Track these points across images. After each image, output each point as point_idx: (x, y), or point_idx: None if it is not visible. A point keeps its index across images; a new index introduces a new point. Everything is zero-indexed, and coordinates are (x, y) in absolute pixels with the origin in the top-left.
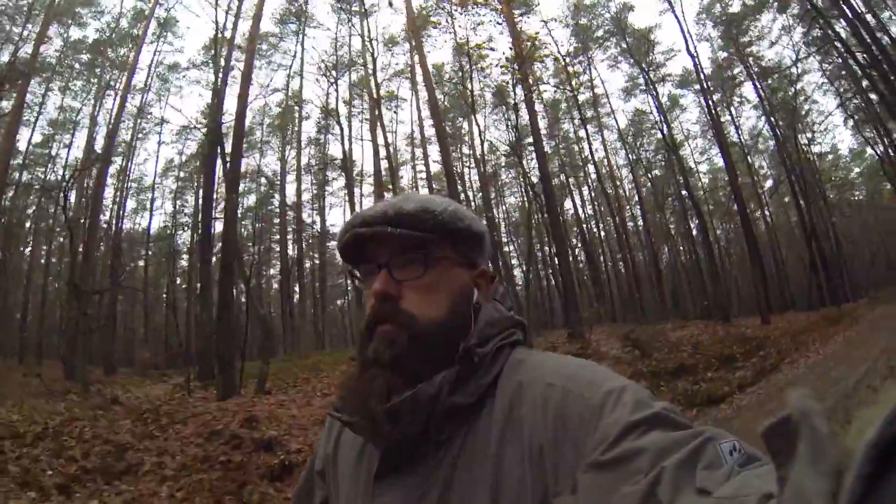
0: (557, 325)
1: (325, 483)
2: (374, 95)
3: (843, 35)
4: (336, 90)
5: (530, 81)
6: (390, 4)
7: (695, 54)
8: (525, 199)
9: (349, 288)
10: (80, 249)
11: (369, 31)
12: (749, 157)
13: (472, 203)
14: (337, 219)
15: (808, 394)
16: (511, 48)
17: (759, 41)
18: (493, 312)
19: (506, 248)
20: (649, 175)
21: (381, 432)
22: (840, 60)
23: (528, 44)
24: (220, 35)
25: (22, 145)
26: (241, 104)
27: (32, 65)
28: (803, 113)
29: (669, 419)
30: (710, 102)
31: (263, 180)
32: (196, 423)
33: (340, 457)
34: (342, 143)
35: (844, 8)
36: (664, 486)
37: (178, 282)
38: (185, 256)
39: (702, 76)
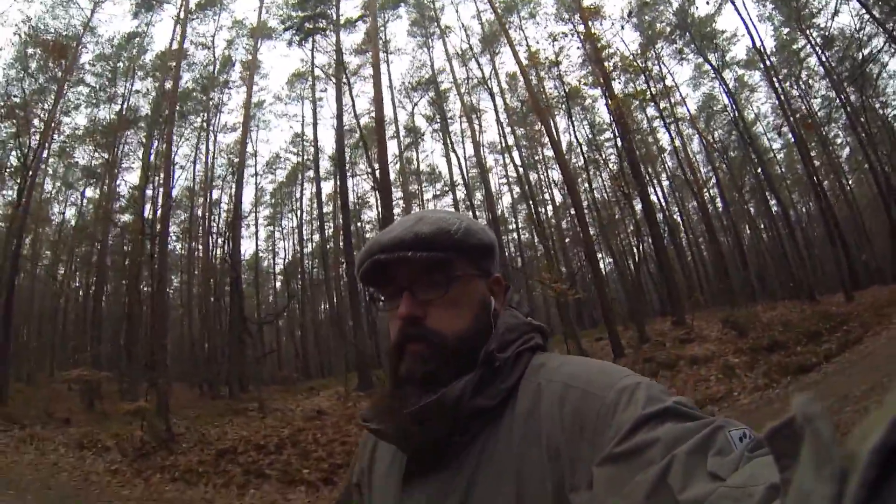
0: (653, 313)
1: (360, 495)
2: (462, 107)
3: None
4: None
5: (614, 89)
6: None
7: (760, 46)
8: (617, 193)
9: None
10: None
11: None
12: (823, 129)
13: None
14: None
15: (812, 397)
16: (585, 52)
17: (821, 13)
18: (510, 319)
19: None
20: (724, 158)
21: (408, 436)
22: None
23: (600, 47)
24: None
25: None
26: (381, 149)
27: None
28: (874, 77)
29: (682, 411)
30: (777, 81)
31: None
32: None
33: (375, 468)
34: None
35: None
36: (675, 473)
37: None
38: (280, 278)
39: (766, 59)
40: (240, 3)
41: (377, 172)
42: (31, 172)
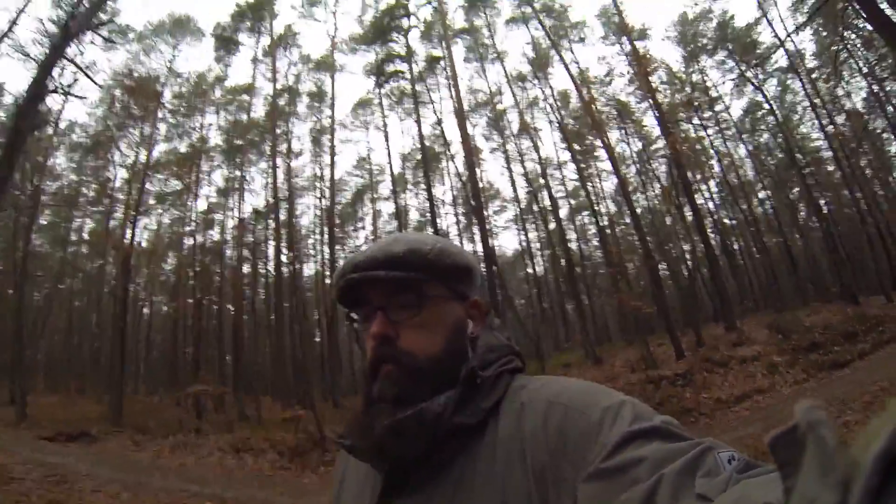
0: (706, 319)
1: None
2: (521, 124)
3: None
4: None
5: (660, 101)
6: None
7: (794, 54)
8: (669, 206)
9: None
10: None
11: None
12: (869, 127)
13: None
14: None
15: (816, 404)
16: (632, 70)
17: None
18: (492, 339)
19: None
20: (770, 162)
21: (384, 451)
22: None
23: (645, 65)
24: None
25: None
26: (474, 186)
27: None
28: None
29: (669, 431)
30: (815, 91)
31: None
32: None
33: (345, 489)
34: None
35: None
36: (662, 494)
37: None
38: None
39: (800, 71)
40: (309, 40)
41: (472, 201)
42: (138, 210)
